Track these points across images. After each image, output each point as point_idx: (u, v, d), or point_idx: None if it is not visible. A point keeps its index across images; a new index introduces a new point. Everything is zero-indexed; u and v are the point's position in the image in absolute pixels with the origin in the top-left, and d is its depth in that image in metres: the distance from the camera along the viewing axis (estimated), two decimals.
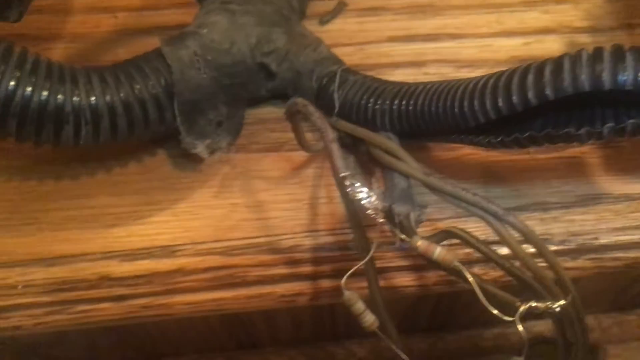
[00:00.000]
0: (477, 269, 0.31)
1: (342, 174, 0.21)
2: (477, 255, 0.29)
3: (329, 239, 0.31)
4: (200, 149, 0.30)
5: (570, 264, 0.31)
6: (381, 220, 0.22)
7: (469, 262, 0.30)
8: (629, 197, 0.31)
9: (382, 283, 0.30)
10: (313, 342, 0.55)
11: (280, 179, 0.33)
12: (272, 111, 0.34)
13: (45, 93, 0.27)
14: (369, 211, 0.22)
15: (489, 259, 0.22)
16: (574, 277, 0.31)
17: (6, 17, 0.26)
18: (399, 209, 0.23)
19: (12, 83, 0.26)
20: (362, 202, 0.21)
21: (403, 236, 0.22)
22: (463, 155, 0.33)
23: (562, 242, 0.31)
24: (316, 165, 0.33)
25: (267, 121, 0.34)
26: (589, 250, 0.31)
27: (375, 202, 0.22)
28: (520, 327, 0.21)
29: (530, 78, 0.22)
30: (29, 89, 0.27)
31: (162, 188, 0.33)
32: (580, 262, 0.31)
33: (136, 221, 0.32)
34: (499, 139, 0.24)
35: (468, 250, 0.29)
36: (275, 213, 0.32)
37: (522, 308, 0.21)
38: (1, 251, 0.31)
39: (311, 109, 0.23)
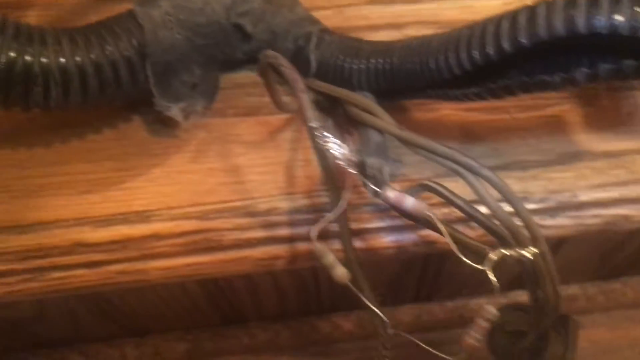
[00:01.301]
0: None
1: (313, 124, 0.21)
2: (454, 215, 0.29)
3: (306, 201, 0.31)
4: (175, 111, 0.30)
5: (550, 222, 0.31)
6: (353, 172, 0.22)
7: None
8: (608, 155, 0.31)
9: (359, 245, 0.29)
10: (299, 317, 0.54)
11: (257, 143, 0.32)
12: (249, 76, 0.34)
13: (12, 54, 0.26)
14: (340, 162, 0.21)
15: (463, 211, 0.22)
16: (555, 236, 0.31)
17: None
18: (372, 161, 0.23)
19: None
20: (333, 151, 0.21)
21: (375, 187, 0.22)
22: (442, 116, 0.32)
23: (541, 201, 0.30)
24: (293, 129, 0.32)
25: (244, 85, 0.34)
26: (569, 208, 0.30)
27: (347, 153, 0.21)
28: (491, 275, 0.21)
29: (505, 26, 0.22)
30: None
31: (137, 154, 0.32)
32: (560, 221, 0.31)
33: (111, 187, 0.31)
34: (473, 91, 0.24)
35: (445, 210, 0.29)
36: (252, 177, 0.31)
37: (493, 256, 0.21)
38: None
39: (282, 60, 0.23)
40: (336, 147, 0.21)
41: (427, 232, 0.31)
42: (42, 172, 0.32)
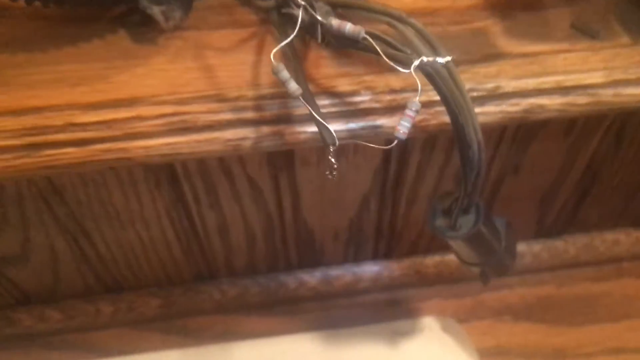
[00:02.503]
0: None
1: None
2: None
3: (269, 91, 0.35)
4: (156, 11, 0.35)
5: (478, 109, 0.36)
6: (301, 2, 0.27)
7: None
8: (525, 55, 0.37)
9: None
10: (267, 273, 0.58)
11: (227, 49, 0.37)
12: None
13: None
14: None
15: (390, 45, 0.27)
16: (483, 122, 0.36)
17: None
18: (320, 5, 0.28)
19: None
20: None
21: (320, 18, 0.27)
22: None
23: (470, 90, 0.36)
24: (258, 39, 0.38)
25: (215, 7, 0.39)
26: (493, 97, 0.36)
27: None
28: (414, 75, 0.25)
29: None
30: None
31: (123, 57, 0.37)
32: (487, 108, 0.36)
33: (99, 81, 0.36)
34: None
35: None
36: (223, 73, 0.36)
37: (416, 60, 0.26)
38: None
39: None
40: None
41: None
42: (38, 71, 0.36)
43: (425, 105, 0.35)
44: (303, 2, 0.27)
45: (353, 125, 0.36)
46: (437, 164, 0.45)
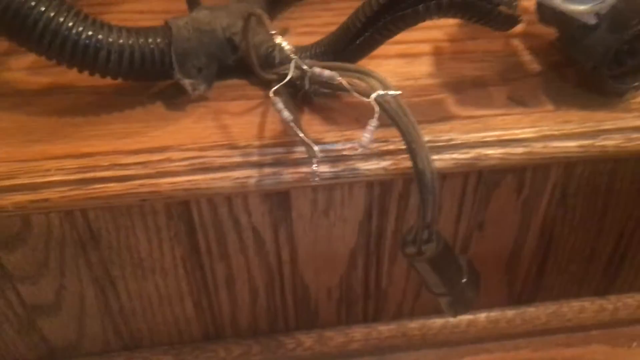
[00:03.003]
0: None
1: (272, 32, 0.37)
2: None
3: (271, 141, 0.45)
4: (186, 83, 0.46)
5: (436, 157, 0.45)
6: (293, 57, 0.37)
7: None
8: (471, 117, 0.47)
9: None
10: (268, 334, 0.65)
11: (240, 114, 0.48)
12: (236, 81, 0.51)
13: (90, 33, 0.43)
14: (286, 48, 0.37)
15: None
16: (440, 167, 0.46)
17: None
18: (308, 62, 0.38)
19: (80, 29, 0.42)
20: (282, 45, 0.37)
21: (305, 67, 0.37)
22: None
23: (429, 142, 0.45)
24: (264, 106, 0.48)
25: (231, 86, 0.50)
26: (447, 147, 0.46)
27: (289, 47, 0.37)
28: (374, 104, 0.35)
29: None
30: (81, 29, 0.43)
31: (158, 119, 0.47)
32: (443, 156, 0.45)
33: (139, 135, 0.46)
34: (380, 25, 0.41)
35: None
36: (236, 130, 0.46)
37: (374, 94, 0.35)
38: (42, 152, 0.45)
39: (262, 14, 0.39)
40: (285, 43, 0.37)
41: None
42: (91, 129, 0.47)
43: (395, 153, 0.45)
44: (294, 57, 0.38)
45: (336, 168, 0.45)
46: (412, 220, 0.54)
